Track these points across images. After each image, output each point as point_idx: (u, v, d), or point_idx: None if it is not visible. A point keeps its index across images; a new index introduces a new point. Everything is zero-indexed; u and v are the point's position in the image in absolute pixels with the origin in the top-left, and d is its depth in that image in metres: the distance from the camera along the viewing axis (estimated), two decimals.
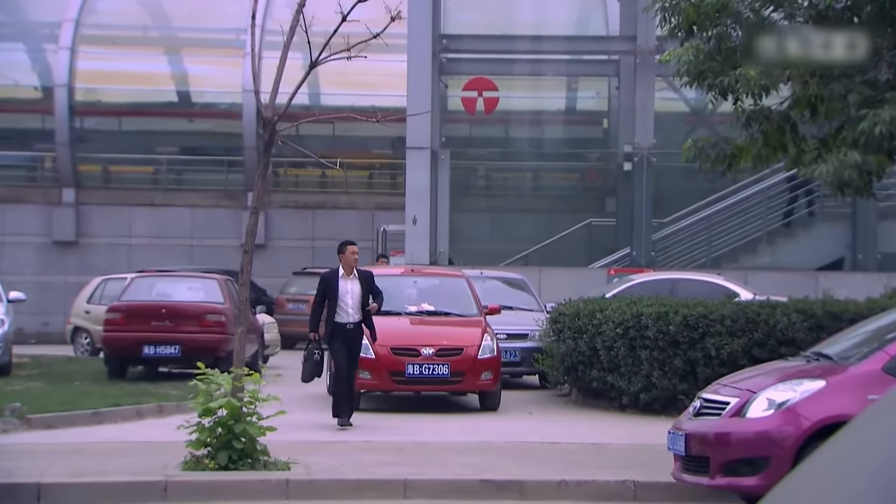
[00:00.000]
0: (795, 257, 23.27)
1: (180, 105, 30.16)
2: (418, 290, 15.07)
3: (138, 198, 28.65)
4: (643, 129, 23.49)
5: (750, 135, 10.87)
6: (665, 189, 24.27)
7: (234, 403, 8.88)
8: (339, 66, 10.59)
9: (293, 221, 28.44)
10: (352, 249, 12.02)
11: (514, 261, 23.91)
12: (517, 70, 25.49)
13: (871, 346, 8.17)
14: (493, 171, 27.72)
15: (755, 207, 23.94)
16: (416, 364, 13.52)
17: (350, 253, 12.02)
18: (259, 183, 9.63)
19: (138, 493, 8.63)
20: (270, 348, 19.36)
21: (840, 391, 7.76)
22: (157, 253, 27.30)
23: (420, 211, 22.82)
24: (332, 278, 11.97)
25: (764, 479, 7.57)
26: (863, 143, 9.83)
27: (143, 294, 17.02)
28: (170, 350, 16.25)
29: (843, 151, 10.03)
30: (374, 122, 10.42)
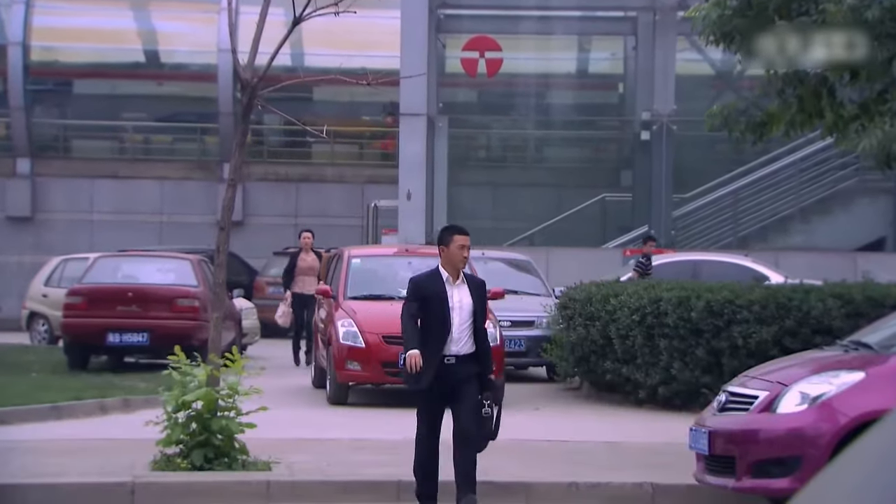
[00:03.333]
0: (832, 237, 23.29)
1: (148, 66, 30.09)
2: (413, 272, 15.06)
3: (101, 169, 28.62)
4: (663, 95, 23.47)
5: (783, 100, 10.87)
6: (687, 161, 24.26)
7: (212, 395, 8.89)
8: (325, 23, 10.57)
9: (274, 196, 28.44)
10: (461, 241, 8.53)
11: (519, 240, 23.93)
12: (523, 28, 25.43)
13: None
14: (495, 140, 27.71)
15: (787, 181, 23.96)
16: None
17: (458, 246, 8.52)
18: (236, 152, 9.63)
19: (103, 495, 8.66)
20: (249, 336, 19.38)
21: (881, 383, 7.79)
22: (123, 230, 27.29)
23: (415, 185, 22.82)
24: (432, 284, 8.49)
25: (796, 481, 7.60)
26: None
27: (108, 276, 17.02)
28: (137, 338, 16.27)
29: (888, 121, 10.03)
30: (364, 86, 10.41)
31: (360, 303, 14.28)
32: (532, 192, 25.22)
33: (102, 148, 29.70)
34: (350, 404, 13.79)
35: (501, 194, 25.68)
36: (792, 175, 23.92)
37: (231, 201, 9.48)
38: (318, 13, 9.54)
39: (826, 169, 23.93)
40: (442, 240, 8.63)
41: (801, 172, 23.89)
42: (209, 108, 28.84)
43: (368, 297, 14.44)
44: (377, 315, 13.84)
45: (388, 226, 24.09)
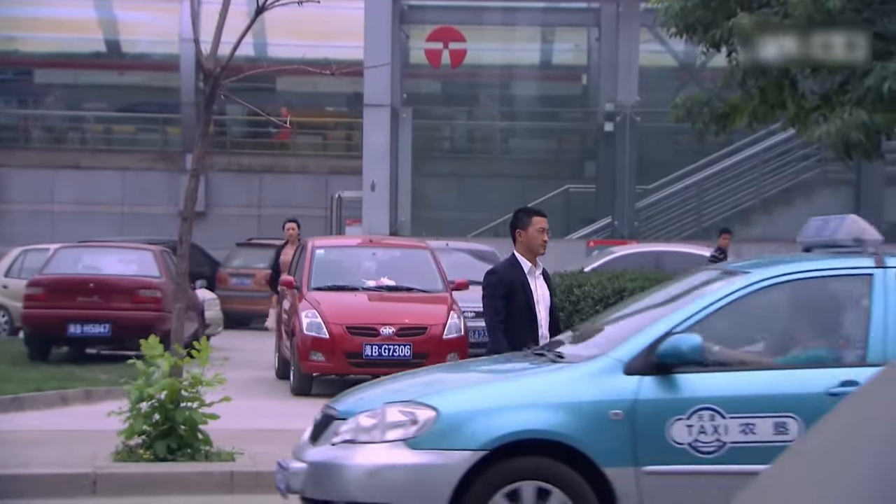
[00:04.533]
0: (793, 227, 23.42)
1: (109, 56, 29.90)
2: (377, 262, 15.08)
3: (62, 159, 28.42)
4: (626, 86, 23.56)
5: (745, 91, 10.95)
6: (650, 152, 24.38)
7: (175, 386, 8.86)
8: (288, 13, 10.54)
9: (237, 187, 28.34)
10: (540, 223, 7.70)
11: (484, 231, 23.97)
12: (487, 19, 25.45)
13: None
14: (459, 131, 27.72)
15: (750, 172, 24.12)
16: (374, 345, 13.55)
17: (538, 229, 7.68)
18: (199, 143, 9.60)
19: (64, 486, 8.61)
20: (212, 327, 19.31)
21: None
22: (84, 221, 27.12)
23: (379, 176, 22.80)
24: (514, 275, 7.68)
25: None
26: (870, 100, 9.93)
27: (69, 267, 16.92)
28: (99, 329, 16.18)
29: (848, 110, 10.13)
30: (327, 76, 10.39)
31: (324, 293, 14.26)
32: (496, 183, 25.26)
33: (63, 138, 29.49)
34: (314, 395, 13.78)
35: (466, 185, 25.71)
36: (754, 166, 24.08)
37: (194, 192, 9.44)
38: (281, 3, 9.51)
39: (788, 160, 24.11)
40: (519, 222, 7.80)
41: (764, 164, 24.05)
42: (171, 99, 28.70)
43: (332, 288, 14.42)
44: (341, 306, 13.83)
45: (352, 217, 24.07)
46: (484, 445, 5.81)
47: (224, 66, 9.47)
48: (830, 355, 6.18)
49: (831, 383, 5.86)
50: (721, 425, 5.82)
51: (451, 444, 5.85)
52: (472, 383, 6.43)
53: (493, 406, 5.95)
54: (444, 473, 5.81)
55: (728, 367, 6.10)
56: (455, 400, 6.05)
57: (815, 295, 6.46)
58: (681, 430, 5.83)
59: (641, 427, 5.83)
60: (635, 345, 5.98)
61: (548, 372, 6.20)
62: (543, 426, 5.85)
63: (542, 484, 5.86)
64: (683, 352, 5.83)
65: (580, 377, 5.99)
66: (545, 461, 5.89)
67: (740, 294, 6.16)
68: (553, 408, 5.88)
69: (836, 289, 6.43)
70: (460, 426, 5.87)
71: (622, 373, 5.91)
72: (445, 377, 6.86)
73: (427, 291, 14.55)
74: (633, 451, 5.81)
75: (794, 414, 5.84)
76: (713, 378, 5.97)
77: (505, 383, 6.31)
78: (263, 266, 23.80)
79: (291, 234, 16.60)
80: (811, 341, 6.42)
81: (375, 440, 5.94)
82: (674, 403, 5.85)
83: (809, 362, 6.15)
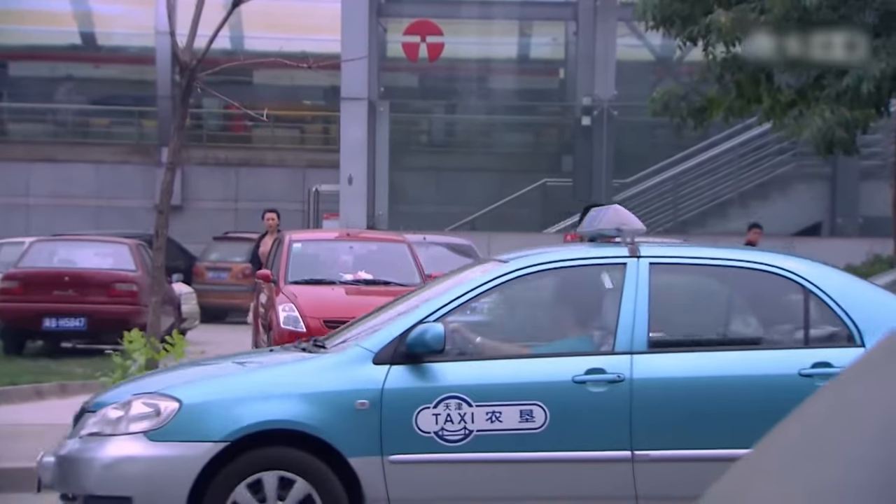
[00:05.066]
0: (769, 222, 23.55)
1: (85, 48, 29.75)
2: (354, 256, 15.07)
3: (37, 153, 28.27)
4: (603, 80, 23.59)
5: (722, 85, 10.99)
6: (627, 146, 24.43)
7: None
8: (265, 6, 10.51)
9: (213, 180, 28.25)
10: None
11: (461, 225, 23.97)
12: (464, 13, 25.43)
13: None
14: (437, 125, 27.72)
15: (726, 167, 24.20)
16: None
17: None
18: (175, 136, 9.57)
19: None
20: (188, 321, 19.26)
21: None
22: (59, 214, 27.00)
23: (356, 169, 22.77)
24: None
25: None
26: (848, 97, 9.98)
27: (44, 260, 16.84)
28: (74, 323, 16.12)
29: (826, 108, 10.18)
30: (304, 70, 10.37)
31: (301, 287, 14.24)
32: (474, 177, 25.27)
33: (39, 131, 29.34)
34: None
35: (443, 179, 25.71)
36: (731, 160, 24.16)
37: (169, 185, 9.42)
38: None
39: (764, 154, 24.19)
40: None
41: (740, 158, 24.13)
42: (147, 92, 28.59)
43: (309, 282, 14.41)
44: (318, 299, 13.81)
45: (329, 210, 24.04)
46: (226, 437, 5.79)
47: (200, 58, 9.43)
48: (582, 344, 6.19)
49: (577, 371, 5.88)
50: (468, 413, 5.82)
51: (192, 435, 5.81)
52: (220, 374, 6.40)
53: (236, 397, 5.91)
54: (184, 465, 5.78)
55: (478, 356, 6.12)
56: (199, 391, 6.01)
57: (570, 284, 6.49)
58: (427, 418, 5.82)
59: (388, 416, 5.82)
60: (386, 335, 5.97)
61: (296, 362, 6.18)
62: (286, 416, 5.84)
63: (285, 474, 5.85)
64: (427, 341, 5.82)
65: (327, 367, 5.98)
66: (289, 451, 5.87)
67: (496, 283, 6.17)
68: (298, 398, 5.86)
69: (591, 278, 6.45)
70: (202, 417, 5.84)
71: (371, 362, 5.89)
72: (203, 369, 6.85)
73: (404, 285, 14.53)
74: (379, 440, 5.81)
75: (540, 402, 5.84)
76: (462, 367, 5.97)
77: (251, 374, 6.27)
78: (240, 260, 23.75)
79: (271, 224, 16.52)
80: (566, 330, 6.45)
81: (119, 432, 5.90)
82: (421, 392, 5.85)
83: (561, 351, 6.17)
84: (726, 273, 6.29)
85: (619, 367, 5.89)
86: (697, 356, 6.04)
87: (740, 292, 6.51)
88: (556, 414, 5.82)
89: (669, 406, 5.87)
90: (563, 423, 5.83)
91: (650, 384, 5.87)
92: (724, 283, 6.44)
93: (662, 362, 5.95)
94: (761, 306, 6.50)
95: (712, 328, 6.40)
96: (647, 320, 5.95)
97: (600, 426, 5.85)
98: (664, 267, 6.18)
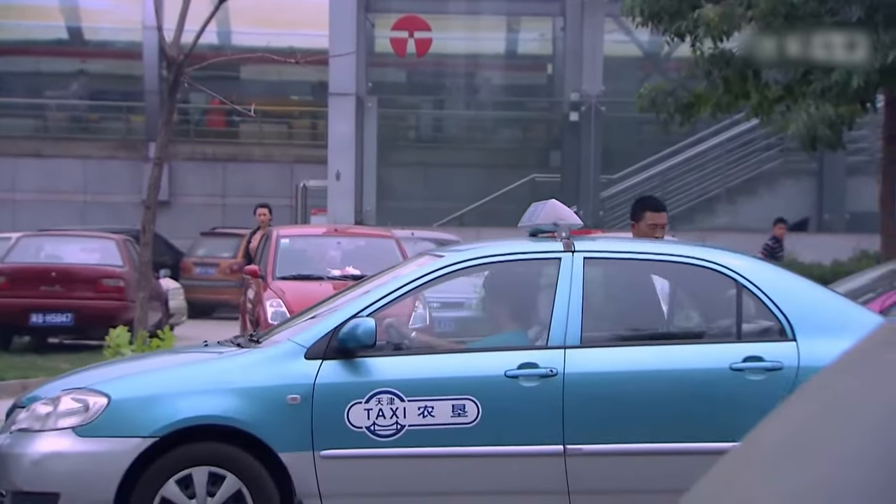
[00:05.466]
0: (757, 217, 23.62)
1: (71, 43, 29.66)
2: (342, 252, 15.06)
3: (23, 148, 28.18)
4: (591, 76, 23.61)
5: (710, 81, 11.00)
6: (615, 142, 24.45)
7: None
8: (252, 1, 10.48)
9: (201, 175, 28.20)
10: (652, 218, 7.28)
11: (449, 220, 23.98)
12: (452, 8, 25.42)
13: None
14: (425, 121, 27.71)
15: (713, 162, 24.24)
16: None
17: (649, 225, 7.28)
18: (163, 131, 9.55)
19: None
20: (176, 317, 19.23)
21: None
22: (46, 210, 26.92)
23: (344, 165, 22.75)
24: None
25: None
26: (834, 93, 9.99)
27: (31, 255, 16.79)
28: (61, 318, 16.08)
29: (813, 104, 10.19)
30: (292, 65, 10.36)
31: (289, 283, 14.23)
32: (462, 172, 25.27)
33: (25, 126, 29.25)
34: None
35: (431, 175, 25.70)
36: (718, 156, 24.19)
37: (157, 180, 9.40)
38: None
39: (751, 150, 24.24)
40: (634, 214, 7.45)
41: (728, 154, 24.17)
42: (135, 87, 28.52)
43: (297, 277, 14.40)
44: (306, 295, 13.76)
45: (317, 206, 24.01)
46: (155, 432, 5.77)
47: (187, 53, 9.41)
48: (516, 338, 6.19)
49: (510, 366, 5.87)
50: (399, 408, 5.80)
51: (121, 431, 5.79)
52: (152, 369, 6.39)
53: (167, 392, 5.89)
54: (112, 461, 5.76)
55: (411, 351, 6.12)
56: (129, 386, 5.99)
57: (506, 278, 6.48)
58: (359, 413, 5.79)
59: (319, 411, 5.78)
60: (318, 330, 5.94)
61: (229, 357, 6.15)
62: (216, 411, 5.81)
63: (215, 469, 5.83)
64: (359, 336, 5.80)
65: (259, 362, 5.95)
66: (219, 447, 5.86)
67: (431, 277, 6.15)
68: (229, 393, 5.83)
69: (528, 272, 6.45)
70: (131, 413, 5.82)
71: (303, 357, 5.85)
72: (136, 364, 6.84)
73: None
74: (310, 435, 5.78)
75: (472, 396, 5.83)
76: (394, 362, 5.95)
77: (183, 369, 6.23)
78: (228, 255, 23.71)
79: (263, 220, 16.44)
80: (501, 324, 6.44)
81: (48, 428, 5.88)
82: (353, 387, 5.82)
83: (496, 345, 6.18)
84: (660, 268, 6.29)
85: (551, 362, 5.88)
86: (630, 351, 6.03)
87: (674, 287, 6.50)
88: (489, 408, 5.81)
89: (601, 400, 5.86)
90: (495, 417, 5.82)
91: (582, 379, 5.87)
92: (658, 277, 6.44)
93: (595, 357, 5.94)
94: (694, 301, 6.51)
95: (645, 323, 6.38)
96: (581, 315, 5.94)
97: (533, 420, 5.84)
98: (598, 262, 6.18)
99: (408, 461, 5.80)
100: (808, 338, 5.90)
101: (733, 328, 6.08)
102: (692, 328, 6.36)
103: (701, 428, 5.83)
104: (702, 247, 6.55)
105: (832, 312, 6.02)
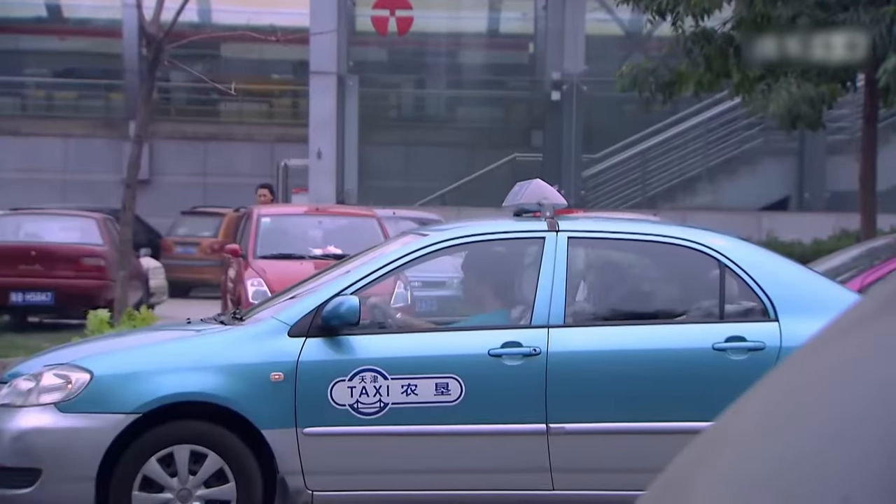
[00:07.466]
0: (737, 196, 23.68)
1: (50, 21, 29.46)
2: (324, 231, 15.04)
3: (2, 126, 28.02)
4: (573, 55, 23.57)
5: (691, 60, 10.99)
6: (596, 121, 24.44)
7: None
8: None
9: (181, 154, 28.09)
10: None
11: (431, 200, 23.95)
12: None
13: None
14: (406, 100, 27.64)
15: (694, 142, 24.26)
16: None
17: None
18: (143, 109, 9.50)
19: None
20: (156, 296, 19.18)
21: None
22: (25, 189, 26.77)
23: (325, 144, 22.68)
24: None
25: None
26: (815, 71, 10.00)
27: (10, 234, 16.72)
28: (41, 297, 16.02)
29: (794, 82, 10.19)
30: (273, 43, 10.32)
31: (270, 262, 14.20)
32: (443, 151, 25.23)
33: (4, 104, 29.07)
34: None
35: (412, 154, 25.66)
36: (699, 136, 24.22)
37: (137, 159, 9.36)
38: None
39: (732, 129, 24.26)
40: None
41: (709, 133, 24.19)
42: (114, 65, 28.36)
43: (278, 257, 14.37)
44: (287, 274, 13.74)
45: (298, 185, 23.96)
46: (137, 409, 5.76)
47: (167, 31, 9.36)
48: (500, 317, 6.21)
49: (494, 345, 5.89)
50: (383, 386, 5.81)
51: (103, 407, 5.78)
52: (134, 346, 6.38)
53: (150, 369, 5.88)
54: (94, 437, 5.75)
55: (395, 329, 6.14)
56: (112, 362, 5.98)
57: (491, 258, 6.51)
58: (342, 391, 5.80)
59: (303, 389, 5.79)
60: (302, 307, 5.94)
61: (212, 334, 6.14)
62: (199, 388, 5.81)
63: (196, 447, 5.84)
64: (342, 313, 5.79)
65: (242, 339, 5.94)
66: (201, 424, 5.86)
67: (415, 256, 6.15)
68: (212, 370, 5.82)
69: (512, 252, 6.46)
70: (114, 389, 5.81)
71: (286, 335, 5.85)
72: (119, 340, 6.83)
73: None
74: (293, 412, 5.78)
75: (455, 375, 5.85)
76: (378, 340, 5.96)
77: (166, 346, 6.23)
78: (208, 234, 23.65)
79: (264, 202, 16.40)
80: (484, 303, 6.46)
81: (29, 403, 5.86)
82: (337, 365, 5.82)
83: (479, 324, 6.19)
84: (644, 248, 6.30)
85: (535, 341, 5.89)
86: (613, 330, 6.05)
87: (657, 267, 6.53)
88: (472, 387, 5.82)
89: (584, 379, 5.88)
90: (478, 396, 5.83)
91: (566, 358, 5.88)
92: (642, 257, 6.47)
93: (578, 336, 5.96)
94: (678, 281, 6.53)
95: (629, 302, 6.39)
96: (564, 294, 5.95)
97: (516, 399, 5.85)
98: (582, 241, 6.19)
99: (391, 439, 5.80)
100: (791, 318, 5.93)
101: (716, 308, 6.10)
102: (675, 308, 6.34)
103: (683, 407, 5.85)
104: (685, 227, 6.57)
105: (814, 293, 6.04)
